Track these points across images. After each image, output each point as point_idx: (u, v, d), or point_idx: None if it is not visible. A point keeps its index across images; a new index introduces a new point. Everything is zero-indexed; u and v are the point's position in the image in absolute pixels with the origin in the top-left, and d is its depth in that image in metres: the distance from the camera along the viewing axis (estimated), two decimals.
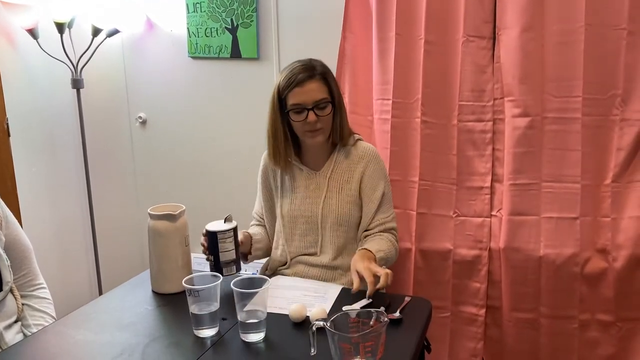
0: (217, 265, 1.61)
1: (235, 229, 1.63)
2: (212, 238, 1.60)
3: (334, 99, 1.74)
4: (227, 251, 1.60)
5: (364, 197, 1.79)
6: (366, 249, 1.68)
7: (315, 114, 1.70)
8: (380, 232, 1.79)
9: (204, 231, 1.63)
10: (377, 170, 1.81)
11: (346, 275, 1.78)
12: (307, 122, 1.70)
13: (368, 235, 1.79)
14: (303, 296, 1.61)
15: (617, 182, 2.04)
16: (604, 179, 2.05)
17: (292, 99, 1.71)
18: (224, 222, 1.63)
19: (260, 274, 1.87)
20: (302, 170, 1.84)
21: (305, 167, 1.83)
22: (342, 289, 1.66)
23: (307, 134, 1.74)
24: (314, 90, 1.70)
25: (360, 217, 1.80)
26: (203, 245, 1.65)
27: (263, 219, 1.95)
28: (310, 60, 1.76)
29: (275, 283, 1.68)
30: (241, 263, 1.69)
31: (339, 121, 1.77)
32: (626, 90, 1.98)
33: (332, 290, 1.65)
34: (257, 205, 1.97)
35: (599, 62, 1.97)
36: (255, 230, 1.92)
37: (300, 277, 1.80)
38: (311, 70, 1.72)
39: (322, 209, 1.78)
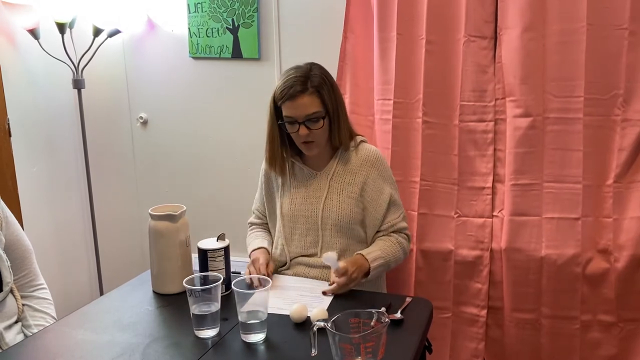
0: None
1: (226, 248, 1.62)
2: (202, 256, 1.59)
3: (329, 111, 1.73)
4: (217, 270, 1.59)
5: (370, 202, 1.79)
6: (362, 255, 1.70)
7: (307, 128, 1.70)
8: (391, 232, 1.81)
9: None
10: (382, 174, 1.80)
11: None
12: (299, 134, 1.71)
13: (377, 237, 1.81)
14: (299, 296, 1.60)
15: (619, 182, 2.03)
16: (606, 180, 2.04)
17: (284, 111, 1.71)
18: (217, 240, 1.63)
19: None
20: (303, 169, 1.83)
21: (306, 167, 1.83)
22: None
23: (302, 146, 1.76)
24: (305, 105, 1.69)
25: (362, 220, 1.80)
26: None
27: (264, 216, 1.94)
28: (310, 68, 1.73)
29: (272, 283, 1.67)
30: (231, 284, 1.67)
31: (336, 129, 1.76)
32: (628, 90, 1.98)
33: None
34: (259, 203, 1.96)
35: (601, 62, 1.97)
36: (266, 241, 1.89)
37: (301, 277, 1.79)
38: (305, 83, 1.69)
39: (323, 209, 1.78)
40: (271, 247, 1.88)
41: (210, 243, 1.62)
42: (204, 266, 1.59)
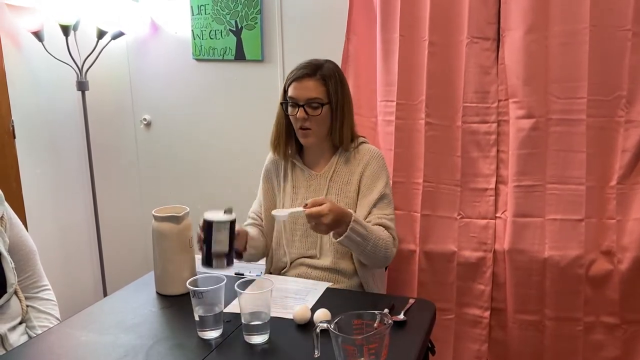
0: (207, 256, 1.54)
1: (233, 222, 1.56)
2: (207, 227, 1.54)
3: (332, 102, 1.74)
4: (220, 242, 1.53)
5: (361, 195, 1.77)
6: (351, 212, 1.60)
7: (306, 112, 1.71)
8: (376, 225, 1.71)
9: (202, 220, 1.56)
10: (378, 170, 1.78)
11: (350, 279, 1.78)
12: (297, 118, 1.72)
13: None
14: (283, 298, 1.59)
15: (622, 183, 2.03)
16: (609, 181, 2.04)
17: (289, 92, 1.75)
18: (224, 213, 1.57)
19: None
20: (303, 170, 1.84)
21: (306, 168, 1.83)
22: (327, 289, 1.65)
23: (299, 132, 1.76)
24: (308, 88, 1.72)
25: None
26: (199, 235, 1.57)
27: (260, 218, 1.91)
28: (325, 61, 1.78)
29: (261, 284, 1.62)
30: (233, 259, 1.60)
31: (339, 125, 1.76)
32: (631, 91, 1.97)
33: (314, 292, 1.63)
34: (256, 205, 1.94)
35: (604, 63, 1.97)
36: (251, 230, 1.86)
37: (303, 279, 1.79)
38: (315, 69, 1.74)
39: None
40: (256, 236, 1.83)
41: (216, 215, 1.55)
42: (207, 238, 1.54)
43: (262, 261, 1.93)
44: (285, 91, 1.78)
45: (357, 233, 1.59)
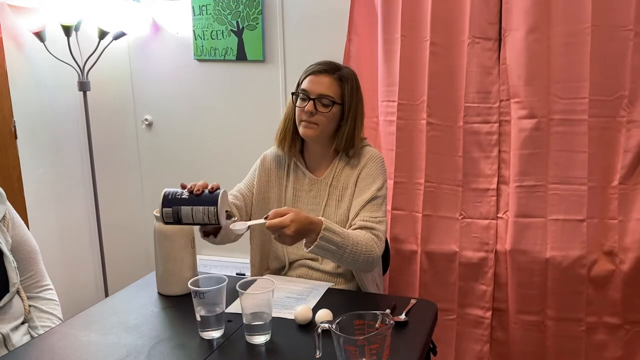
0: (174, 202, 1.49)
1: (218, 229, 1.56)
2: (208, 199, 1.48)
3: (344, 105, 1.73)
4: (192, 216, 1.47)
5: (355, 195, 1.74)
6: (322, 220, 1.53)
7: (315, 107, 1.69)
8: (360, 228, 1.66)
9: (215, 186, 1.50)
10: (375, 172, 1.74)
11: (349, 281, 1.77)
12: (304, 110, 1.70)
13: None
14: (285, 298, 1.59)
15: (624, 184, 2.03)
16: (611, 181, 2.04)
17: (303, 85, 1.74)
18: (226, 211, 1.52)
19: (256, 275, 1.84)
20: (305, 175, 1.83)
21: (308, 173, 1.82)
22: (328, 289, 1.64)
23: (302, 123, 1.73)
24: (323, 84, 1.71)
25: None
26: (199, 185, 1.51)
27: (242, 199, 1.83)
28: (346, 67, 1.79)
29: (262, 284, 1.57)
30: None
31: (346, 130, 1.74)
32: (633, 91, 1.97)
33: (316, 293, 1.62)
34: (244, 187, 1.87)
35: (606, 63, 1.97)
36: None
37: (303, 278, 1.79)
38: (334, 68, 1.74)
39: (322, 216, 1.74)
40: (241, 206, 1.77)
41: (223, 204, 1.50)
42: (195, 202, 1.48)
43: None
44: (299, 84, 1.77)
45: (329, 241, 1.52)
